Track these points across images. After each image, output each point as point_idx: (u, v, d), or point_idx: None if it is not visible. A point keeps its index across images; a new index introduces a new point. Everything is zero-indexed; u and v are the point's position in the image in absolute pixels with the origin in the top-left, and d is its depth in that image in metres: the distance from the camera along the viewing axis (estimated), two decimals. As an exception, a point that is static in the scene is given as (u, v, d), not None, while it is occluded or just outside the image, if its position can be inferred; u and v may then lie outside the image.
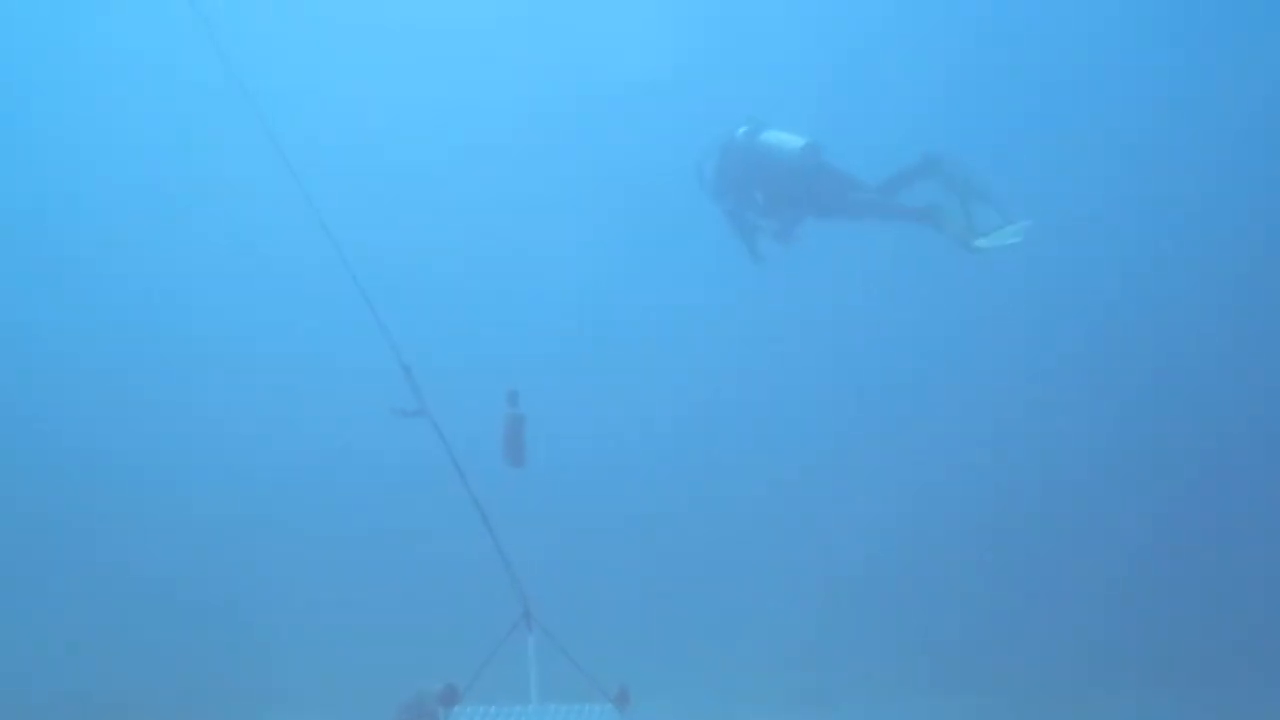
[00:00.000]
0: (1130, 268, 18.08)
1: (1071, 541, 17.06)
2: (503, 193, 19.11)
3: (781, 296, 16.64)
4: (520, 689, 8.00)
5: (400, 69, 19.38)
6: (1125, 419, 17.75)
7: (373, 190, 18.41)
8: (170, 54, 16.55)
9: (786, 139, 11.04)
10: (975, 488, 17.50)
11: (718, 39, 18.56)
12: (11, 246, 19.62)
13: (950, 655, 15.56)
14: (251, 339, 20.99)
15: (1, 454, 19.28)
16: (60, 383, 20.52)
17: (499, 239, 18.95)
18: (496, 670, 8.08)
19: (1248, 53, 17.57)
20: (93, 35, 19.39)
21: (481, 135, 19.02)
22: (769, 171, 11.06)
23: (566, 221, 18.66)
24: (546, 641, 8.11)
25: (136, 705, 17.33)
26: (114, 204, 20.05)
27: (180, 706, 19.11)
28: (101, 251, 19.79)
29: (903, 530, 17.28)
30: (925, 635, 16.14)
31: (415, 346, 8.26)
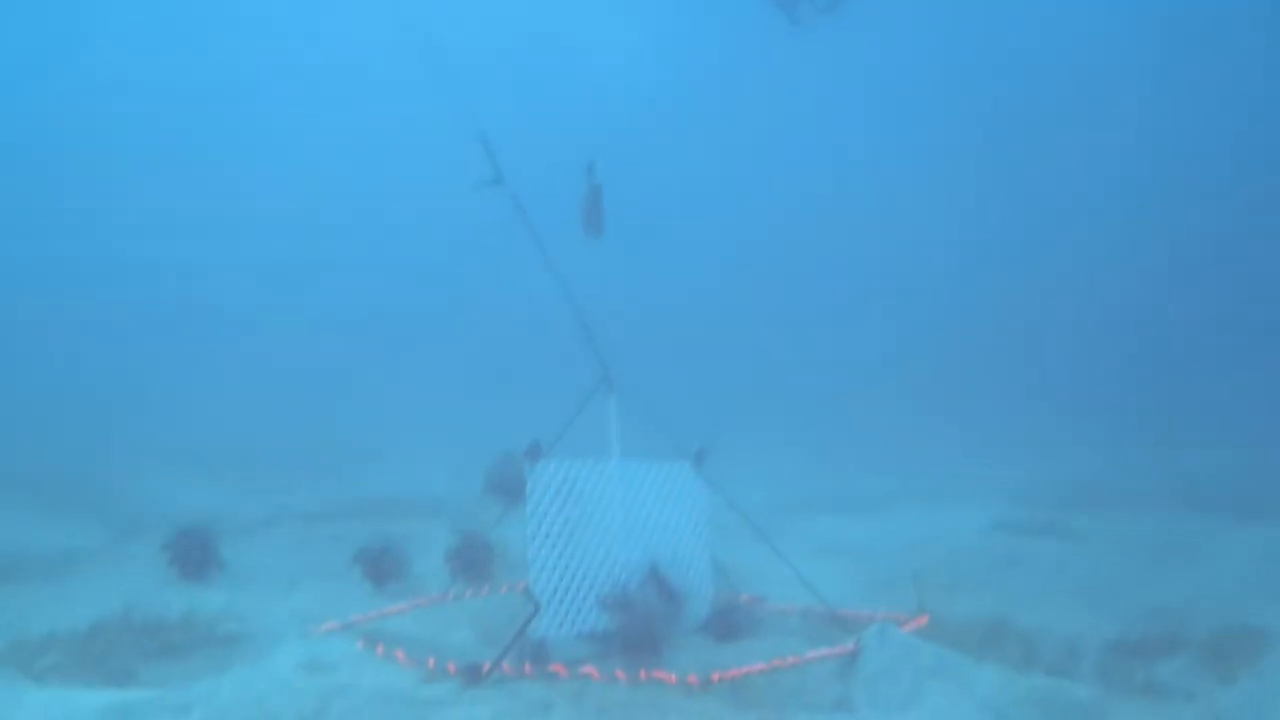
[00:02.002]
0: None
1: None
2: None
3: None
4: (602, 447, 8.40)
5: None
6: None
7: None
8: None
9: None
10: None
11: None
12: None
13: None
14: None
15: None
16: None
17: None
18: (580, 429, 8.49)
19: None
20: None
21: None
22: None
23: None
24: (627, 403, 8.46)
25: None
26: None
27: (306, 461, 20.65)
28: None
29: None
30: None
31: (493, 118, 8.28)
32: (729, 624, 8.48)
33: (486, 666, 6.83)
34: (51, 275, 41.55)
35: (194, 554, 8.48)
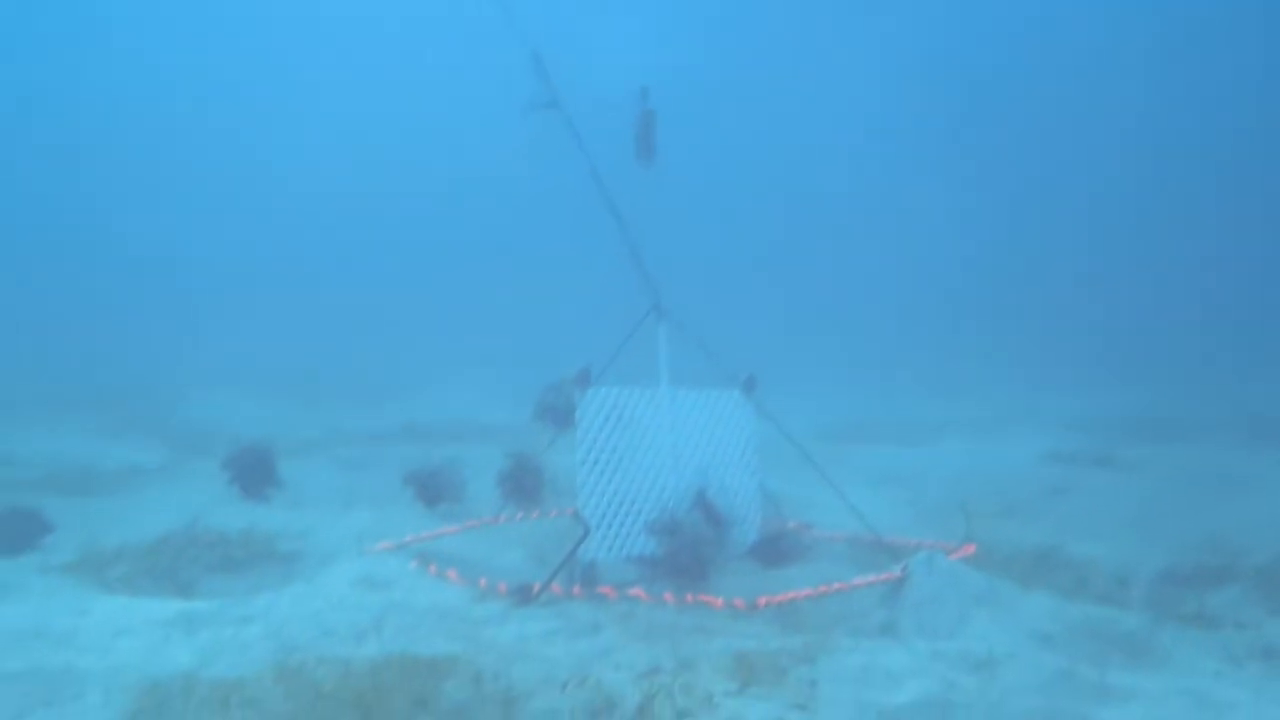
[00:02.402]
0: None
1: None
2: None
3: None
4: (652, 374, 8.43)
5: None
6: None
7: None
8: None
9: None
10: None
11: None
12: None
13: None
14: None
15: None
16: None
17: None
18: (630, 356, 8.52)
19: None
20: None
21: None
22: None
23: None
24: (676, 331, 8.46)
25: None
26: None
27: (364, 385, 21.03)
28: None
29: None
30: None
31: (547, 42, 8.20)
32: (776, 550, 8.55)
33: (536, 587, 6.96)
34: (124, 211, 42.31)
35: (253, 473, 8.70)
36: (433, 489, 8.67)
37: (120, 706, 4.93)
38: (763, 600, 6.87)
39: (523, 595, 6.90)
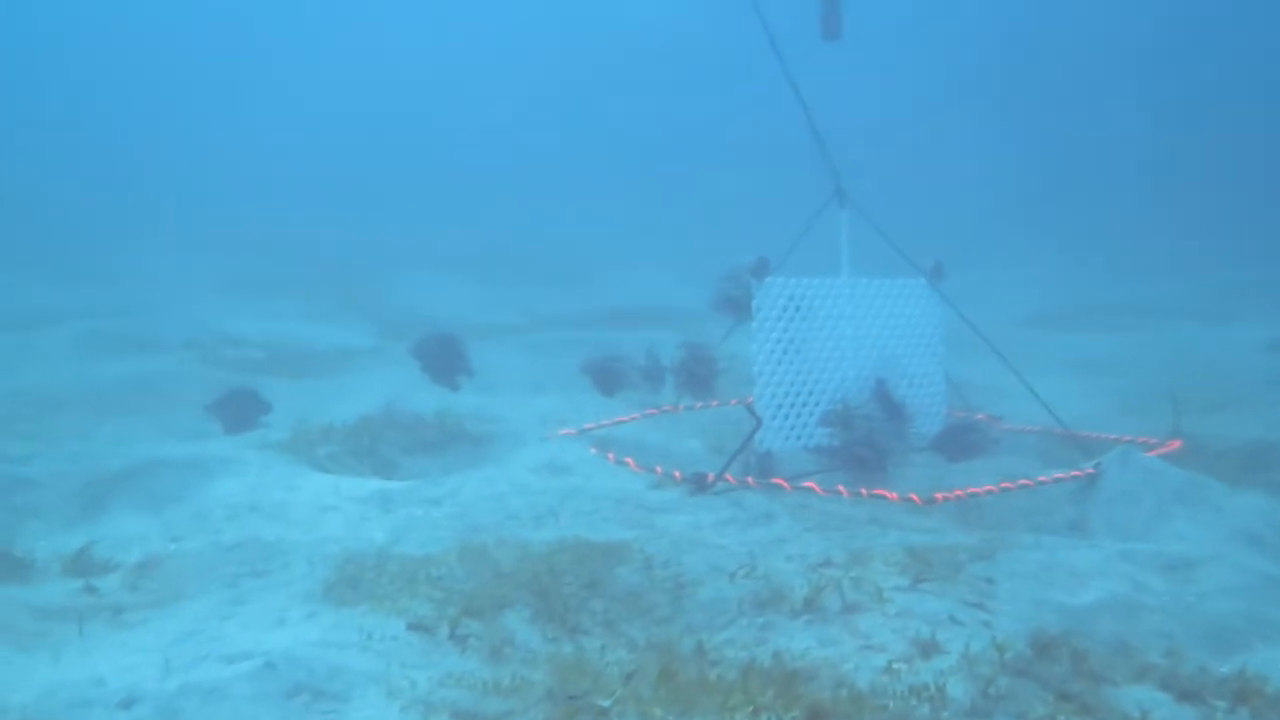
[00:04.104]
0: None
1: None
2: None
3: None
4: (833, 263, 8.25)
5: None
6: None
7: None
8: None
9: None
10: None
11: None
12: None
13: None
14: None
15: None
16: None
17: None
18: (810, 245, 8.35)
19: None
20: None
21: None
22: None
23: None
24: (859, 218, 8.22)
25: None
26: None
27: (559, 271, 21.59)
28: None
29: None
30: None
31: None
32: (960, 443, 8.32)
33: (711, 476, 7.04)
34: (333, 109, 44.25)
35: (442, 360, 9.05)
36: (608, 377, 8.82)
37: (321, 577, 5.33)
38: (940, 495, 6.73)
39: (697, 484, 7.00)
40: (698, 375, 8.44)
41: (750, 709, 3.94)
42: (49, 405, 10.10)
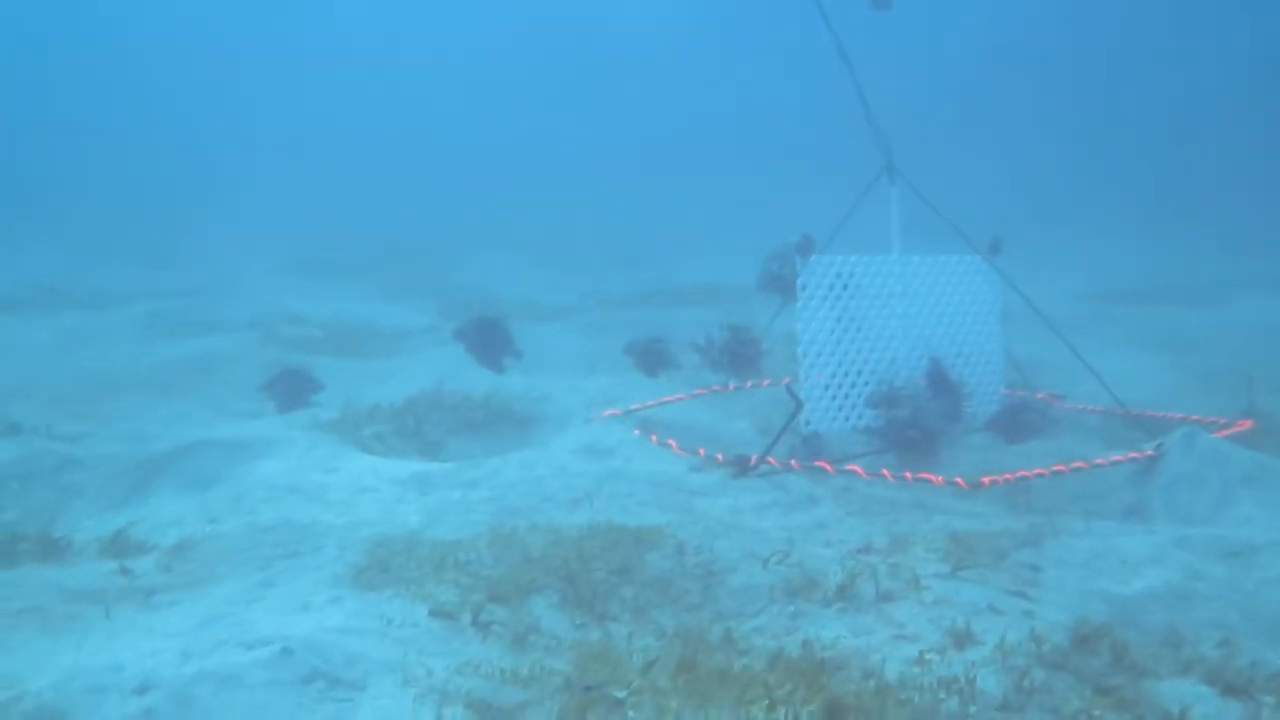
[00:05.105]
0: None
1: None
2: None
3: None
4: (882, 240, 8.03)
5: None
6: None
7: None
8: None
9: None
10: None
11: None
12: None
13: None
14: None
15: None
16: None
17: None
18: (859, 221, 8.13)
19: None
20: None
21: None
22: None
23: None
24: (910, 193, 7.98)
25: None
26: None
27: (621, 251, 21.54)
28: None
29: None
30: None
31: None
32: (1018, 423, 8.08)
33: (754, 459, 6.91)
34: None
35: (488, 342, 8.98)
36: (651, 359, 8.71)
37: (350, 561, 5.32)
38: (987, 479, 6.51)
39: (740, 466, 6.87)
40: (741, 356, 8.29)
41: (767, 702, 3.82)
42: (108, 385, 10.31)
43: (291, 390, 9.66)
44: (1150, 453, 6.96)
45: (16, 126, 35.84)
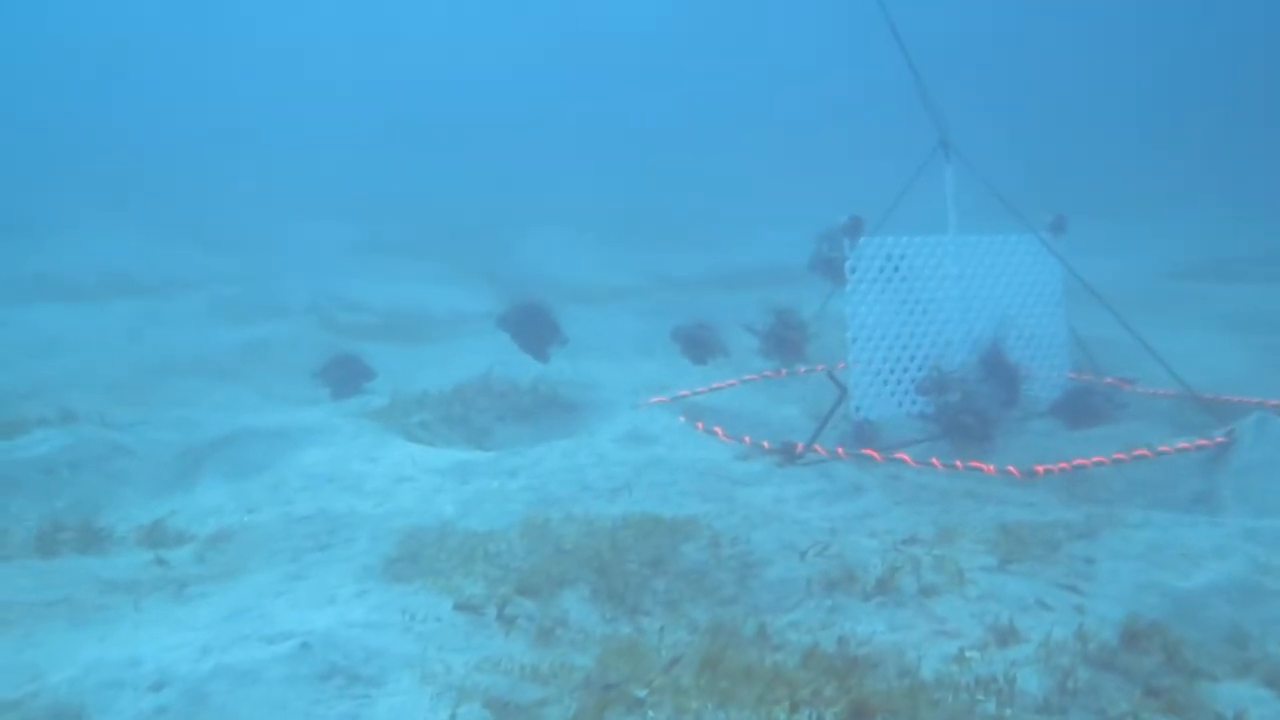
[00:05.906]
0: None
1: None
2: None
3: None
4: (939, 220, 7.75)
5: None
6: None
7: None
8: None
9: None
10: None
11: None
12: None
13: None
14: None
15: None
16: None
17: None
18: (913, 200, 7.85)
19: None
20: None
21: None
22: None
23: None
24: (966, 172, 7.68)
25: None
26: None
27: (681, 232, 21.34)
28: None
29: None
30: None
31: None
32: (1082, 408, 7.75)
33: (800, 446, 6.72)
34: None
35: (532, 331, 8.81)
36: (697, 345, 8.51)
37: (381, 552, 5.26)
38: (1040, 468, 6.24)
39: (786, 454, 6.69)
40: (788, 340, 8.08)
41: (789, 703, 3.67)
42: (165, 372, 10.44)
43: (345, 376, 9.68)
44: (1221, 439, 6.62)
45: (100, 113, 36.58)
